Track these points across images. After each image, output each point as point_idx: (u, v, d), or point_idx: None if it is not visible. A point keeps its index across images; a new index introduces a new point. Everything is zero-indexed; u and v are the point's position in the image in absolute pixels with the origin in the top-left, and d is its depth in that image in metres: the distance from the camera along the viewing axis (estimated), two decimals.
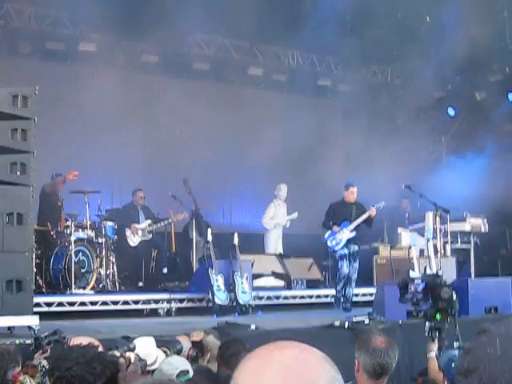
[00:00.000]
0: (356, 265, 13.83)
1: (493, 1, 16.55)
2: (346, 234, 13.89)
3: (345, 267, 13.73)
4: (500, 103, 18.66)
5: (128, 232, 14.93)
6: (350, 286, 13.69)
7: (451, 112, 20.38)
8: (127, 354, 5.40)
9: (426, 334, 6.59)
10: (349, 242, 13.87)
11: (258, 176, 18.77)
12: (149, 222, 15.19)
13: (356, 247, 13.99)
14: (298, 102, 19.66)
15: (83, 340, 5.02)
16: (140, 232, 15.02)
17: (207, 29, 18.31)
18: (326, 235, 14.09)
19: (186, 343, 6.87)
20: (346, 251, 13.84)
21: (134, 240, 14.95)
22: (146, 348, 5.95)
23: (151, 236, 15.17)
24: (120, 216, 15.34)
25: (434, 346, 6.85)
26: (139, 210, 15.39)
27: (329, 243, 13.98)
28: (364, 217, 14.00)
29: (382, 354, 5.49)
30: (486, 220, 16.64)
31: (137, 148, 17.31)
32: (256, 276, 14.13)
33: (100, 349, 4.89)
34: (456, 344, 6.80)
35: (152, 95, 17.51)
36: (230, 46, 19.23)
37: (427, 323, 6.57)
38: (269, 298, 13.86)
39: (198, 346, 7.03)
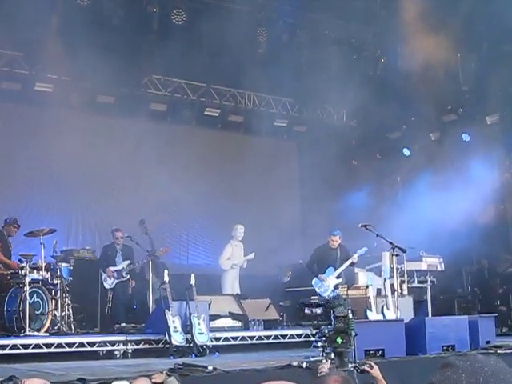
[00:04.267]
0: None
1: (446, 42, 16.80)
2: (332, 280, 15.02)
3: None
4: (454, 143, 18.87)
5: (104, 275, 14.99)
6: None
7: (406, 152, 20.60)
8: None
9: (321, 354, 6.55)
10: (335, 287, 14.88)
11: (214, 216, 18.74)
12: (127, 262, 15.13)
13: (337, 291, 14.83)
14: (254, 143, 19.70)
15: (37, 382, 4.91)
16: (116, 274, 15.00)
17: (163, 70, 18.37)
18: (313, 282, 15.09)
19: None
20: (333, 294, 14.54)
21: (109, 283, 14.97)
22: None
23: (128, 277, 15.09)
24: (99, 257, 15.59)
25: (326, 366, 6.83)
26: (117, 251, 15.28)
27: (317, 290, 14.97)
28: (347, 264, 15.05)
29: None
30: (442, 259, 16.76)
31: (92, 188, 17.23)
32: (213, 317, 14.00)
33: None
34: (351, 365, 6.79)
35: (108, 136, 17.44)
36: (187, 87, 19.31)
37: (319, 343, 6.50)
38: (226, 338, 13.71)
39: None
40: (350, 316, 6.10)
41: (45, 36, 15.52)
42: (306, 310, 6.20)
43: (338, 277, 15.03)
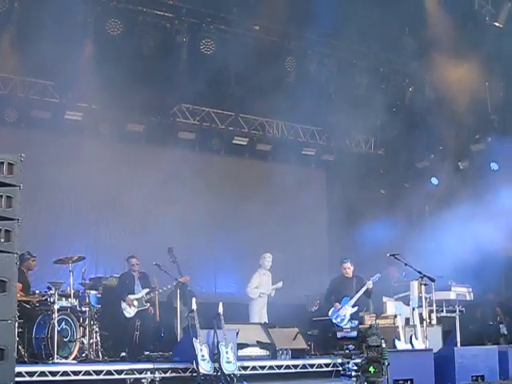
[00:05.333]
0: None
1: (474, 71, 16.80)
2: (348, 310, 14.97)
3: None
4: (483, 172, 18.78)
5: (123, 304, 14.67)
6: None
7: (434, 181, 20.52)
8: None
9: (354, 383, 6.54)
10: (352, 316, 14.82)
11: (242, 245, 18.71)
12: (146, 290, 14.92)
13: (356, 322, 14.85)
14: (282, 172, 19.69)
15: None
16: (136, 302, 14.72)
17: (192, 99, 18.47)
18: (330, 313, 15.10)
19: None
20: (351, 325, 14.66)
21: (129, 311, 14.69)
22: None
23: (149, 305, 14.97)
24: (116, 286, 15.19)
25: None
26: (135, 279, 15.05)
27: (334, 320, 14.90)
28: (362, 291, 14.99)
29: None
30: (471, 289, 16.63)
31: (121, 216, 17.29)
32: (241, 345, 13.93)
33: None
34: None
35: (137, 164, 17.53)
36: (215, 116, 19.39)
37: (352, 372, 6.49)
38: (254, 367, 13.62)
39: None
40: (383, 345, 6.07)
41: (75, 65, 15.69)
42: (338, 340, 6.20)
43: (353, 306, 14.99)
